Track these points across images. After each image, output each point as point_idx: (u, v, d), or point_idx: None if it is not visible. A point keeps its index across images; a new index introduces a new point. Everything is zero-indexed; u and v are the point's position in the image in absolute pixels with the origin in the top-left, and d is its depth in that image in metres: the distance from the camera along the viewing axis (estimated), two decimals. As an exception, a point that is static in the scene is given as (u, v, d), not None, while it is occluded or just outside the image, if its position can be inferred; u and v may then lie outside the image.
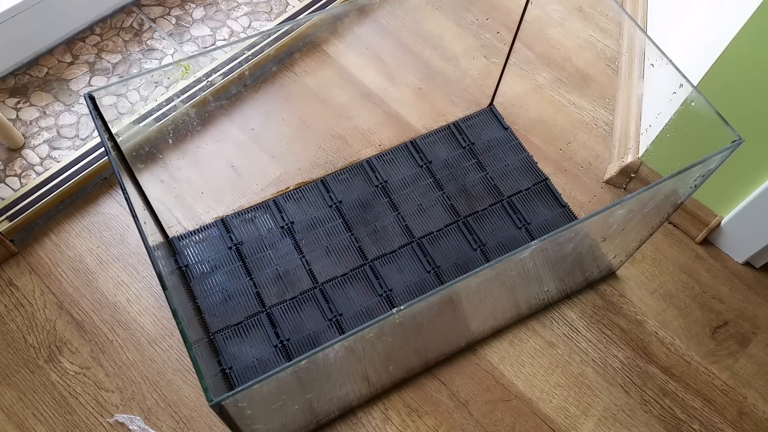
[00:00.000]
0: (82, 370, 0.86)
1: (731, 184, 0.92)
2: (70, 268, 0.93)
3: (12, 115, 1.05)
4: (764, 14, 0.74)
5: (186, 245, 0.93)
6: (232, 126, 1.07)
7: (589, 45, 1.21)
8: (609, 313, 0.93)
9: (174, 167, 1.00)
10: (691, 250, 1.00)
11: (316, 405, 0.76)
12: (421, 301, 0.58)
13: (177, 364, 0.87)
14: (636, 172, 1.01)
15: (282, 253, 0.93)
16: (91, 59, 1.12)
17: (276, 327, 0.86)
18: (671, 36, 1.05)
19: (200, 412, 0.84)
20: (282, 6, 1.21)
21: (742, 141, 0.66)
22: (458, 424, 0.84)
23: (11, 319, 0.89)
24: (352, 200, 0.98)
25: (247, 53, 1.07)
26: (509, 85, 1.14)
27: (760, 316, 0.94)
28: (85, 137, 1.03)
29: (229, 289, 0.89)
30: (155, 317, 0.90)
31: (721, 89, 0.83)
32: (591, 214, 0.63)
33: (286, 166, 1.03)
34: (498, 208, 0.98)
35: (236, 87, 1.10)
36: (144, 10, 1.19)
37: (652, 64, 0.78)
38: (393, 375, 0.84)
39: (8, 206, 0.94)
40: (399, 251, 0.94)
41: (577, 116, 1.12)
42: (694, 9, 1.02)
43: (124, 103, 1.06)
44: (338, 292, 0.90)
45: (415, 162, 1.03)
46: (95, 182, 1.01)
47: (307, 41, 1.17)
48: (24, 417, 0.82)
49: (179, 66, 0.76)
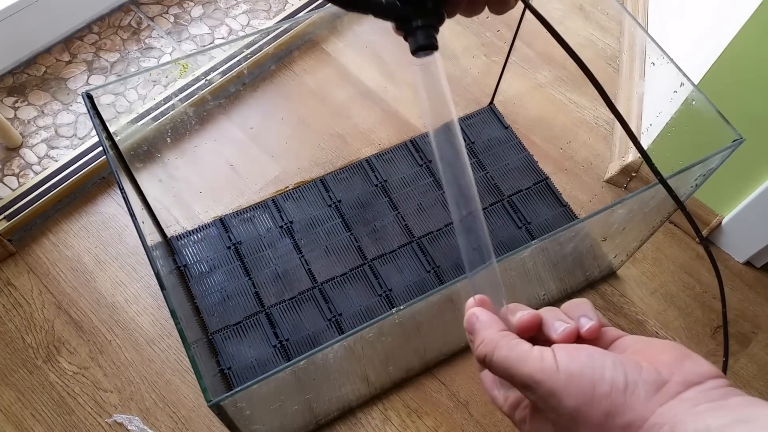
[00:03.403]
0: (80, 370, 0.86)
1: (732, 184, 0.91)
2: (68, 267, 0.93)
3: (10, 114, 1.04)
4: (765, 13, 0.74)
5: (184, 245, 0.92)
6: (230, 125, 1.07)
7: (589, 43, 1.21)
8: (609, 312, 0.93)
9: (172, 166, 1.00)
10: (692, 249, 0.99)
11: (316, 405, 0.76)
12: (420, 301, 0.58)
13: (176, 364, 0.86)
14: (637, 172, 1.01)
15: (281, 253, 0.92)
16: (89, 58, 1.12)
17: (275, 327, 0.86)
18: (672, 34, 1.04)
19: (199, 412, 0.83)
20: (281, 4, 1.21)
21: (743, 140, 0.66)
22: (458, 425, 0.84)
23: (9, 319, 0.89)
24: (351, 199, 0.98)
25: (246, 52, 1.06)
26: (509, 83, 1.14)
27: (760, 315, 0.94)
28: (83, 136, 1.03)
29: (227, 289, 0.89)
30: (154, 317, 0.90)
31: (722, 88, 0.83)
32: (592, 213, 0.63)
33: (285, 165, 1.03)
34: (498, 208, 0.98)
35: (235, 86, 1.10)
36: (142, 9, 1.18)
37: (653, 63, 0.77)
38: (392, 375, 0.83)
39: (6, 206, 0.94)
40: (399, 251, 0.93)
41: (578, 115, 1.12)
42: (695, 7, 1.01)
43: (122, 102, 1.06)
44: (337, 292, 0.89)
45: (414, 161, 1.02)
46: (93, 182, 1.00)
47: (306, 40, 1.16)
48: (22, 417, 0.82)
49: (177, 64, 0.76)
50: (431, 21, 0.37)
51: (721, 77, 0.82)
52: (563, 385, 0.28)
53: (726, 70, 0.82)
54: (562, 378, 0.28)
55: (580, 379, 0.28)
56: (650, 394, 0.27)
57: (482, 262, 0.36)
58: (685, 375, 0.28)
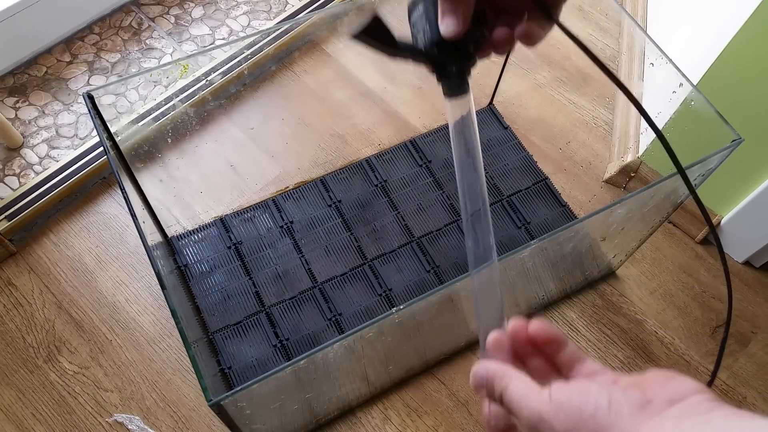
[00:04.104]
0: (81, 370, 0.86)
1: (731, 184, 0.91)
2: (69, 267, 0.93)
3: (11, 115, 1.04)
4: (764, 13, 0.74)
5: (185, 245, 0.92)
6: (231, 125, 1.07)
7: (588, 44, 1.21)
8: (609, 312, 0.93)
9: (173, 166, 1.00)
10: (691, 249, 0.99)
11: (316, 405, 0.76)
12: (420, 301, 0.58)
13: (176, 363, 0.87)
14: (636, 172, 1.01)
15: (281, 253, 0.92)
16: (90, 58, 1.12)
17: (275, 326, 0.86)
18: (671, 35, 1.04)
19: (199, 411, 0.83)
20: (281, 5, 1.21)
21: (741, 140, 0.66)
22: (458, 424, 0.84)
23: (10, 319, 0.89)
24: (351, 199, 0.98)
25: (246, 52, 1.06)
26: (509, 84, 1.14)
27: (759, 315, 0.94)
28: (83, 136, 1.03)
29: (228, 289, 0.89)
30: (154, 317, 0.90)
31: (721, 88, 0.83)
32: (591, 213, 0.63)
33: (285, 165, 1.03)
34: (498, 208, 0.98)
35: (235, 86, 1.10)
36: (143, 9, 1.19)
37: (652, 64, 0.78)
38: (392, 375, 0.84)
39: (7, 206, 0.94)
40: (398, 251, 0.93)
41: (577, 115, 1.12)
42: (694, 8, 1.02)
43: (123, 103, 1.06)
44: (337, 292, 0.90)
45: (414, 161, 1.02)
46: (94, 182, 1.01)
47: (306, 40, 1.17)
48: (23, 416, 0.82)
49: (178, 65, 0.76)
50: (465, 66, 0.39)
51: (720, 77, 0.82)
52: (554, 413, 0.30)
53: (725, 70, 0.82)
54: (554, 407, 0.30)
55: (569, 406, 0.30)
56: (635, 412, 0.28)
57: (485, 261, 0.39)
58: (669, 394, 0.29)
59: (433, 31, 0.38)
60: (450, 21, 0.36)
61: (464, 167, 0.40)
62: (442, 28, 0.37)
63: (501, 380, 0.34)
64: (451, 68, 0.39)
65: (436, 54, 0.38)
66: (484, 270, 0.41)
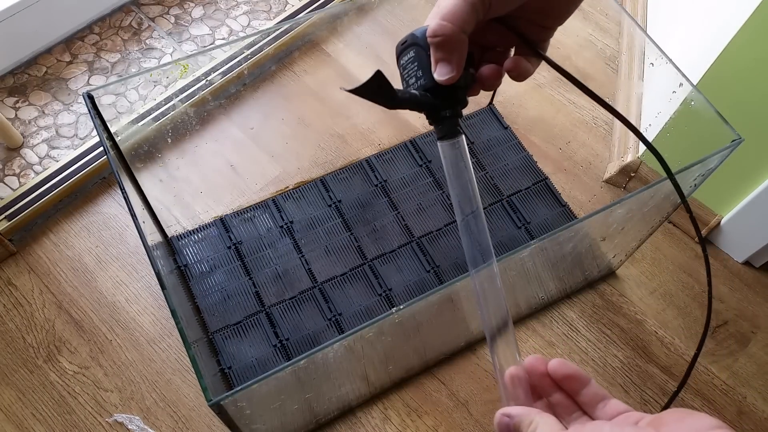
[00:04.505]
0: (81, 370, 0.86)
1: (731, 184, 0.91)
2: (69, 267, 0.93)
3: (11, 115, 1.05)
4: (764, 13, 0.74)
5: (185, 245, 0.93)
6: (231, 125, 1.07)
7: (588, 44, 1.21)
8: (609, 312, 0.93)
9: (173, 166, 1.00)
10: (691, 249, 0.99)
11: (316, 405, 0.76)
12: (420, 301, 0.58)
13: (176, 363, 0.87)
14: (636, 172, 1.01)
15: (281, 253, 0.92)
16: (90, 58, 1.12)
17: (275, 326, 0.86)
18: (671, 35, 1.04)
19: (199, 411, 0.83)
20: (281, 5, 1.21)
21: (741, 140, 0.66)
22: (458, 424, 0.84)
23: (10, 319, 0.89)
24: (351, 199, 0.98)
25: (246, 52, 1.06)
26: (509, 84, 1.13)
27: (759, 315, 0.94)
28: (83, 136, 1.03)
29: (228, 289, 0.89)
30: (154, 317, 0.90)
31: (721, 88, 0.83)
32: (591, 213, 0.63)
33: (285, 165, 1.03)
34: (497, 208, 0.98)
35: (235, 86, 1.10)
36: (143, 9, 1.19)
37: (652, 63, 0.78)
38: (392, 375, 0.84)
39: (7, 206, 0.94)
40: (398, 251, 0.93)
41: (577, 115, 1.12)
42: (694, 8, 1.02)
43: (122, 103, 1.06)
44: (337, 292, 0.90)
45: (414, 161, 1.02)
46: (94, 182, 1.01)
47: (306, 40, 1.17)
48: (23, 416, 0.82)
49: (178, 65, 0.76)
50: (457, 111, 0.41)
51: (720, 77, 0.83)
52: None
53: (725, 70, 0.82)
54: None
55: None
56: None
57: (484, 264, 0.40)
58: (686, 431, 0.30)
59: (426, 77, 0.38)
60: (444, 69, 0.37)
61: (463, 207, 0.42)
62: (436, 75, 0.38)
63: (529, 425, 0.34)
64: (445, 113, 0.40)
65: (431, 101, 0.39)
66: (484, 270, 0.42)
